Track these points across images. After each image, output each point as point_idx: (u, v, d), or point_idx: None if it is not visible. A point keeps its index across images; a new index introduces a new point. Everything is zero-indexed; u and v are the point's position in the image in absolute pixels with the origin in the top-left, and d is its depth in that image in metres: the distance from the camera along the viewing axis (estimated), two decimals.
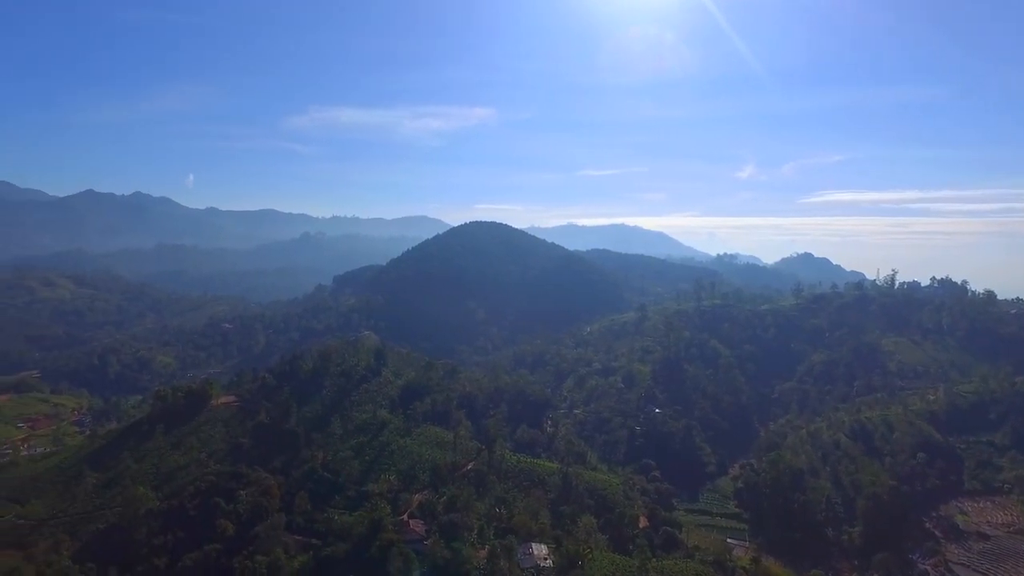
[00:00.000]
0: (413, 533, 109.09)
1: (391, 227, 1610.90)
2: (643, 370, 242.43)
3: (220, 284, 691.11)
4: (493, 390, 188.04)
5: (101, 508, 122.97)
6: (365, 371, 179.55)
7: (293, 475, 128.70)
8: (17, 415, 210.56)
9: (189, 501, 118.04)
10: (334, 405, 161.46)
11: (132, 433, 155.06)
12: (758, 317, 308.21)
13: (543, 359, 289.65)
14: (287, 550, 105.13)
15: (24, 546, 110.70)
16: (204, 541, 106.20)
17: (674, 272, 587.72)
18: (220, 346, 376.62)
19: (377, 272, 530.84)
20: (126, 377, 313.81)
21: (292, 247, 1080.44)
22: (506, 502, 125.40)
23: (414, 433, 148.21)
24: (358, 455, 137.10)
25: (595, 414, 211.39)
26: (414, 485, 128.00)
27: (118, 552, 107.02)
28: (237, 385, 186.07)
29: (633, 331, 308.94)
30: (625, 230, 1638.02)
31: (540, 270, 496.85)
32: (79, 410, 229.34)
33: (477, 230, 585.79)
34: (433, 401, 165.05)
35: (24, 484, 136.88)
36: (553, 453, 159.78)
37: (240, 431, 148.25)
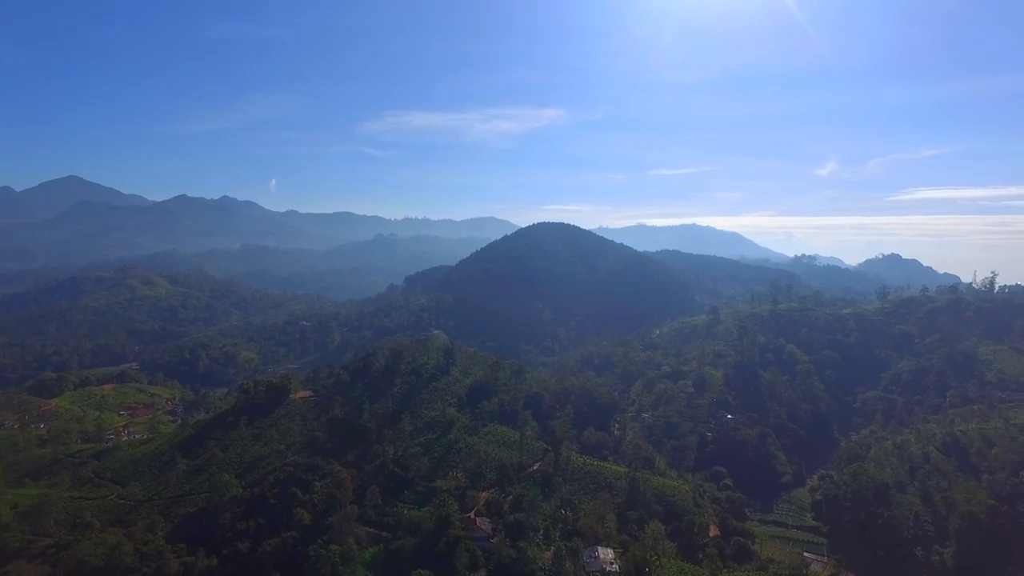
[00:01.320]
0: (479, 531, 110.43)
1: (461, 228, 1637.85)
2: (715, 375, 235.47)
3: (299, 283, 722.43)
4: (560, 391, 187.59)
5: (191, 493, 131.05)
6: (434, 369, 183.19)
7: (365, 469, 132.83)
8: (119, 403, 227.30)
9: (269, 490, 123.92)
10: (404, 402, 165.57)
11: (219, 423, 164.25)
12: (839, 321, 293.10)
13: (610, 361, 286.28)
14: (359, 541, 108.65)
15: (124, 524, 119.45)
16: (282, 528, 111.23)
17: (748, 274, 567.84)
18: (299, 342, 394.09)
19: (446, 272, 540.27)
20: (213, 370, 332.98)
21: (366, 248, 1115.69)
22: (572, 504, 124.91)
23: (481, 432, 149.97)
24: (427, 452, 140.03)
25: (664, 418, 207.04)
26: (481, 483, 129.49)
27: (205, 535, 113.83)
28: (314, 380, 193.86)
29: (704, 334, 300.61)
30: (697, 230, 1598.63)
31: (608, 271, 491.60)
32: (172, 400, 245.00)
33: (545, 231, 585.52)
34: (500, 401, 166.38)
35: (125, 467, 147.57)
36: (620, 457, 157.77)
37: (316, 424, 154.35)
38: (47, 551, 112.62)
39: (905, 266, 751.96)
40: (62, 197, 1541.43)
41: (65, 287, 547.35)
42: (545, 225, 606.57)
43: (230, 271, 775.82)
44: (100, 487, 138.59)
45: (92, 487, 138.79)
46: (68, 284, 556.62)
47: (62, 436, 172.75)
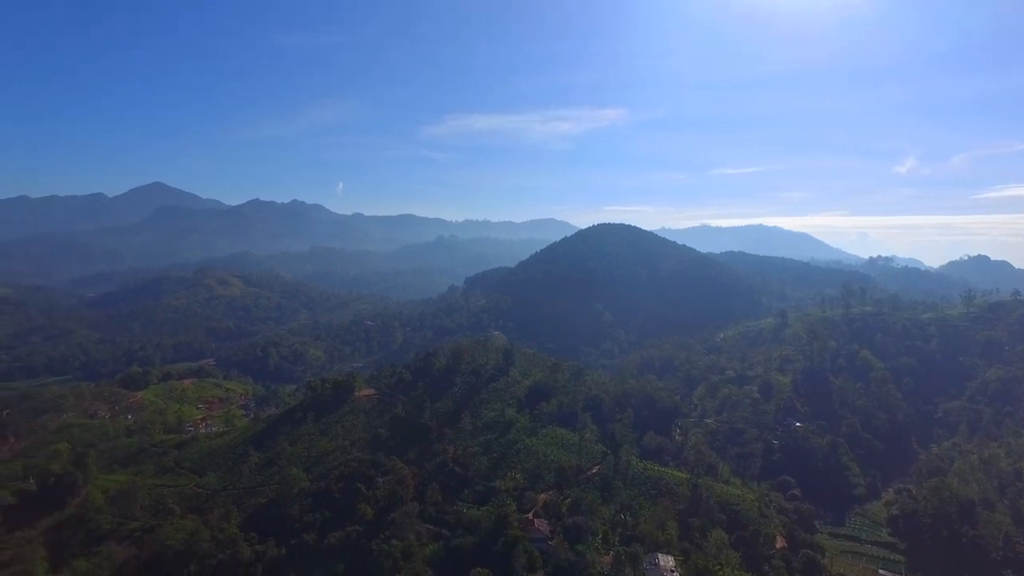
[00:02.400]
0: (538, 532, 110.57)
1: (520, 230, 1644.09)
2: (782, 380, 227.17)
3: (364, 283, 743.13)
4: (620, 394, 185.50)
5: (262, 484, 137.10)
6: (494, 370, 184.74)
7: (426, 467, 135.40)
8: (198, 397, 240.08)
9: (334, 484, 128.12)
10: (464, 402, 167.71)
11: (288, 419, 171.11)
12: (918, 327, 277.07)
13: (672, 364, 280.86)
14: (419, 538, 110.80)
15: (202, 511, 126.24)
16: (346, 522, 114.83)
17: (818, 276, 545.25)
18: (363, 341, 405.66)
19: (506, 274, 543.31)
20: (283, 367, 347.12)
21: (427, 249, 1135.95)
22: (632, 509, 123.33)
23: (540, 433, 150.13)
24: (486, 451, 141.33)
25: (728, 424, 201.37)
26: (539, 484, 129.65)
27: (275, 525, 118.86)
28: (377, 379, 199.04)
29: (771, 338, 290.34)
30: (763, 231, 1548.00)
31: (670, 273, 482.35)
32: (245, 395, 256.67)
33: (605, 232, 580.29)
34: (559, 402, 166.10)
35: (202, 458, 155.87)
36: (682, 462, 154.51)
37: (379, 422, 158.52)
38: (133, 533, 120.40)
39: (994, 268, 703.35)
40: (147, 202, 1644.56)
41: (150, 287, 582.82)
42: (605, 226, 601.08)
43: (299, 272, 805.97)
44: (180, 476, 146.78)
45: (173, 476, 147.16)
46: (152, 284, 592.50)
47: (147, 427, 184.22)
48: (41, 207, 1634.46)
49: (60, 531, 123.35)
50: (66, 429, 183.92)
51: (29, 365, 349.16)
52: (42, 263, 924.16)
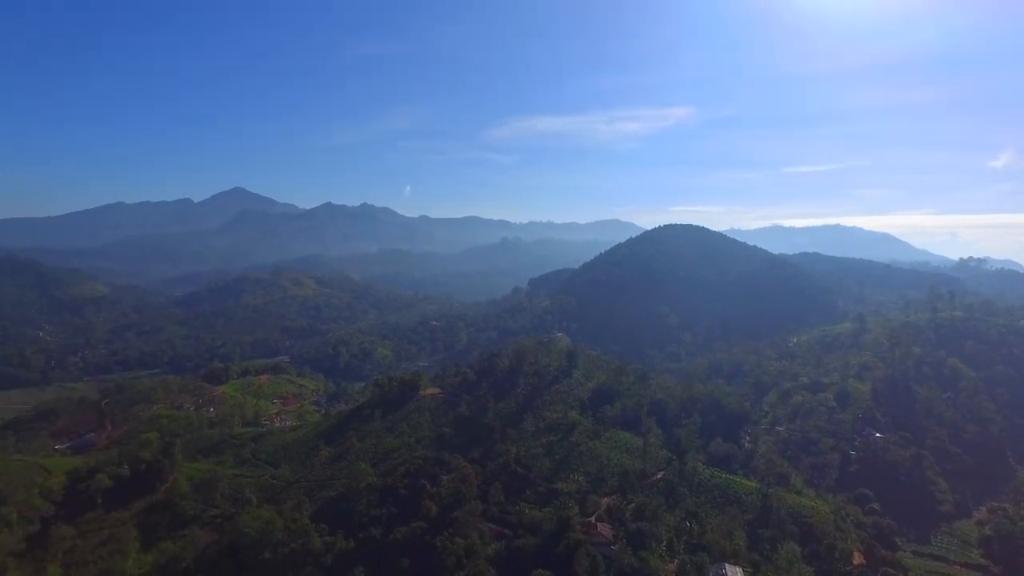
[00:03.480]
0: (600, 536, 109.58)
1: (584, 231, 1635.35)
2: (860, 388, 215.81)
3: (430, 284, 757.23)
4: (686, 399, 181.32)
5: (332, 478, 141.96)
6: (557, 372, 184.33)
7: (489, 466, 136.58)
8: (273, 393, 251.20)
9: (400, 480, 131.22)
10: (527, 403, 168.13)
11: (356, 415, 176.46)
12: (1016, 334, 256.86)
13: (741, 369, 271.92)
14: (482, 536, 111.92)
15: (276, 502, 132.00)
16: (411, 518, 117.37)
17: (901, 278, 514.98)
18: (429, 341, 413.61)
19: (570, 275, 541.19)
20: (353, 365, 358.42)
21: (492, 251, 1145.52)
22: (697, 517, 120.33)
23: (603, 436, 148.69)
24: (548, 453, 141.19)
25: (800, 433, 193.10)
26: (602, 488, 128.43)
27: (344, 518, 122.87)
28: (442, 378, 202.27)
29: (848, 344, 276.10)
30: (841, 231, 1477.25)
31: (739, 274, 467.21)
32: (317, 392, 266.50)
33: (671, 233, 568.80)
34: (623, 406, 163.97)
35: (277, 451, 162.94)
36: (751, 471, 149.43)
37: (443, 421, 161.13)
38: (215, 520, 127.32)
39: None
40: (229, 207, 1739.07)
41: (230, 287, 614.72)
42: (672, 227, 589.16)
43: (368, 273, 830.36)
44: (257, 467, 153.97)
45: (250, 467, 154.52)
46: (233, 284, 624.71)
47: (227, 419, 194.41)
48: (136, 212, 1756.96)
49: (150, 514, 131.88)
50: (155, 419, 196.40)
51: (124, 359, 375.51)
52: (136, 264, 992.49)
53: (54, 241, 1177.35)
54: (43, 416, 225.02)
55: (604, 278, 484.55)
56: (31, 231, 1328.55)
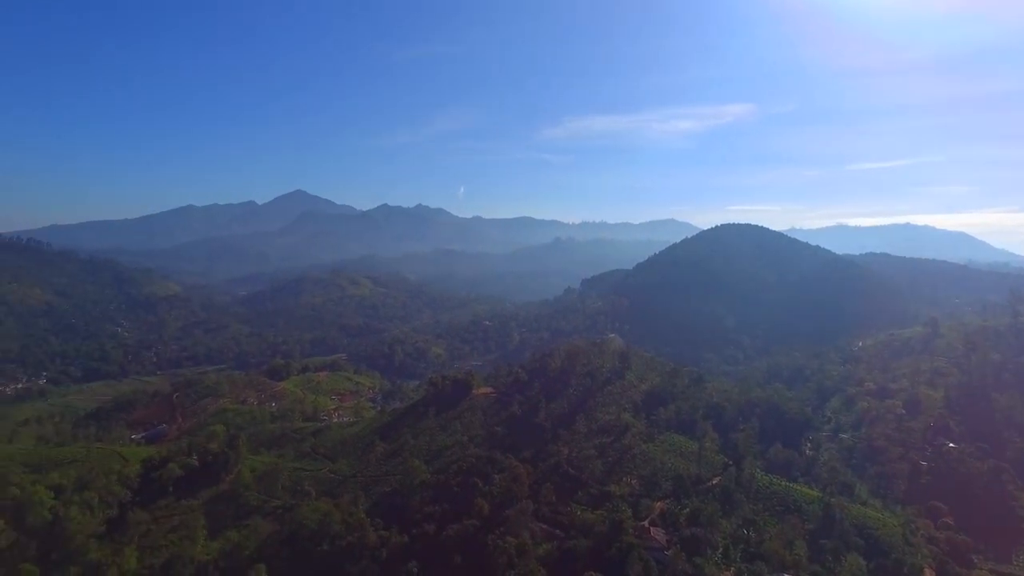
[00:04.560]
0: (653, 541, 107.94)
1: (638, 231, 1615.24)
2: (932, 395, 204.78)
3: (482, 284, 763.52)
4: (743, 403, 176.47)
5: (387, 474, 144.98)
6: (609, 373, 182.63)
7: (540, 466, 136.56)
8: (331, 389, 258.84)
9: (453, 478, 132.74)
10: (579, 404, 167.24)
11: (411, 413, 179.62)
12: None
13: (802, 374, 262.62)
14: (533, 536, 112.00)
15: (334, 495, 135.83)
16: (464, 515, 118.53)
17: (978, 280, 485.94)
18: (481, 340, 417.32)
19: (623, 276, 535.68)
20: (407, 363, 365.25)
21: (544, 251, 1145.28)
22: (755, 525, 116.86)
23: (657, 440, 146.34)
24: (601, 455, 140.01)
25: (866, 441, 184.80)
26: (655, 492, 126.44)
27: (398, 514, 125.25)
28: (494, 378, 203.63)
29: (919, 349, 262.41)
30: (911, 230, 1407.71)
31: (800, 275, 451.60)
32: (373, 389, 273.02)
33: (728, 233, 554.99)
34: (677, 409, 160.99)
35: (335, 445, 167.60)
36: (812, 479, 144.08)
37: (495, 420, 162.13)
38: (276, 510, 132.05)
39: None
40: (291, 208, 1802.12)
41: (291, 286, 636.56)
42: (728, 227, 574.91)
43: (422, 273, 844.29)
44: (316, 461, 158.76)
45: (310, 460, 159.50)
46: (293, 284, 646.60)
47: (288, 414, 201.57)
48: (204, 215, 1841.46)
49: (216, 503, 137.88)
50: (222, 413, 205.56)
51: (193, 354, 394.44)
52: (204, 264, 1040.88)
53: (131, 242, 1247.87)
54: (121, 407, 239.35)
55: (658, 279, 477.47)
56: (110, 233, 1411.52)
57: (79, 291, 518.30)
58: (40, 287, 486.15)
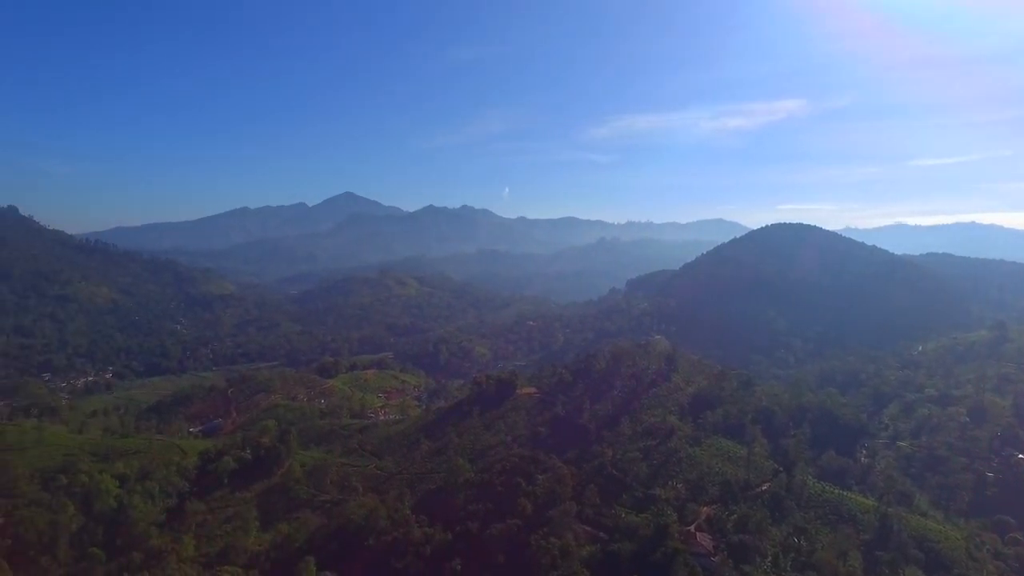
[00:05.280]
0: (700, 547, 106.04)
1: (685, 231, 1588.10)
2: (999, 403, 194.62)
3: (526, 285, 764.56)
4: (794, 408, 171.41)
5: (431, 471, 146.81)
6: (655, 375, 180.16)
7: (584, 468, 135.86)
8: (378, 387, 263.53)
9: (496, 477, 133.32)
10: (624, 405, 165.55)
11: (455, 411, 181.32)
12: None
13: (857, 379, 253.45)
14: (576, 538, 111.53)
15: (379, 492, 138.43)
16: (507, 515, 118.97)
17: None
18: (525, 341, 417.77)
19: (669, 277, 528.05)
20: (452, 363, 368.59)
21: (589, 252, 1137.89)
22: (807, 533, 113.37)
23: (704, 443, 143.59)
24: (646, 458, 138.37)
25: (926, 449, 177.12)
26: (702, 497, 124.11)
27: (442, 511, 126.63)
28: (538, 378, 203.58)
29: (985, 354, 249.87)
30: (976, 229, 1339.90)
31: (856, 276, 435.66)
32: (418, 387, 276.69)
33: (779, 233, 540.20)
34: (725, 413, 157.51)
35: (381, 442, 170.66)
36: (867, 488, 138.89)
37: (539, 420, 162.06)
38: (324, 505, 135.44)
39: None
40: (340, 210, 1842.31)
41: (340, 286, 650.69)
42: (780, 226, 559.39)
43: (467, 273, 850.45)
44: (362, 457, 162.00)
45: (357, 456, 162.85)
46: (342, 284, 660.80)
47: (336, 411, 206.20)
48: (257, 216, 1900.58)
49: (268, 496, 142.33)
50: (273, 408, 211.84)
51: (247, 351, 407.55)
52: (257, 264, 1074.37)
53: (189, 243, 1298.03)
54: (180, 401, 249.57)
55: (706, 280, 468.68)
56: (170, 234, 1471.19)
57: (142, 290, 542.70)
58: (107, 286, 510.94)
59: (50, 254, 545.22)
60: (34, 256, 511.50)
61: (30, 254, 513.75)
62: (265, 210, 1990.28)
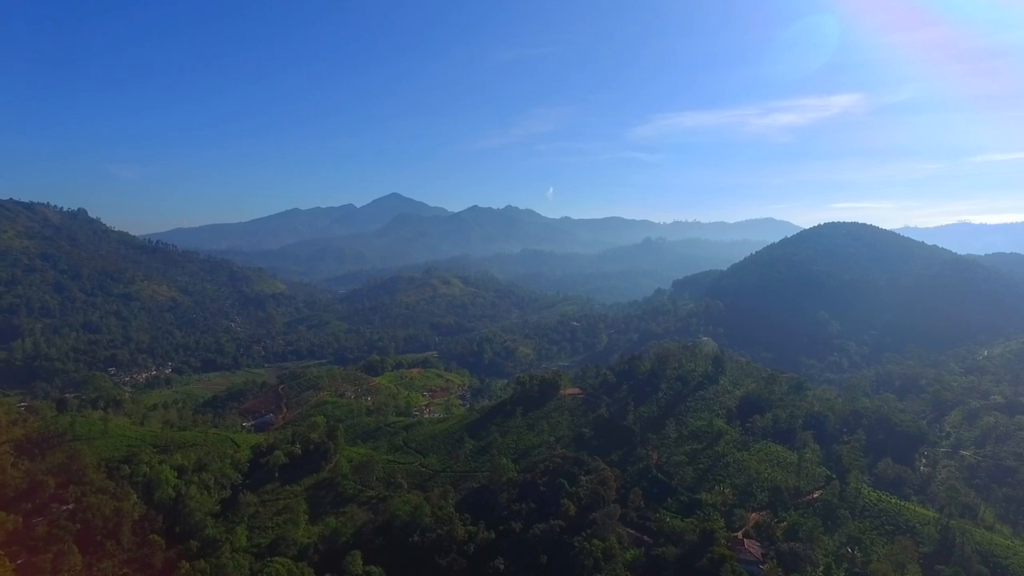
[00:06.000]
0: (747, 553, 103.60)
1: (733, 231, 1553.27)
2: None
3: (570, 285, 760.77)
4: (848, 413, 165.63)
5: (475, 470, 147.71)
6: (701, 377, 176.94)
7: (628, 470, 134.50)
8: (423, 386, 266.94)
9: (540, 477, 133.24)
10: (669, 408, 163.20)
11: (499, 411, 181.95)
12: None
13: (916, 384, 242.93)
14: (620, 541, 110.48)
15: (424, 489, 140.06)
16: (550, 515, 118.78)
17: None
18: (569, 341, 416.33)
19: (717, 277, 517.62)
20: (496, 362, 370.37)
21: (634, 252, 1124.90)
22: (861, 544, 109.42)
23: (752, 448, 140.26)
24: (691, 461, 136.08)
25: (993, 459, 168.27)
26: (750, 503, 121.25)
27: (485, 510, 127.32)
28: (581, 379, 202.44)
29: None
30: None
31: (915, 277, 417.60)
32: (462, 386, 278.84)
33: (833, 232, 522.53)
34: (775, 417, 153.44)
35: (425, 440, 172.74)
36: (927, 498, 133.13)
37: (583, 421, 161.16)
38: (370, 500, 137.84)
39: None
40: (387, 211, 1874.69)
41: (386, 285, 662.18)
42: (833, 225, 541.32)
43: (511, 273, 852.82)
44: (408, 454, 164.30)
45: (402, 453, 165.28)
46: (388, 283, 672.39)
47: (382, 408, 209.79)
48: (308, 217, 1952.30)
49: (316, 490, 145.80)
50: (322, 405, 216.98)
51: (297, 349, 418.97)
52: (307, 264, 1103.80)
53: (243, 244, 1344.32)
54: (234, 396, 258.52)
55: (755, 280, 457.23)
56: (225, 235, 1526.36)
57: (199, 288, 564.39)
58: (167, 285, 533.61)
59: (116, 254, 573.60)
60: (101, 256, 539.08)
61: (98, 254, 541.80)
62: (315, 211, 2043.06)
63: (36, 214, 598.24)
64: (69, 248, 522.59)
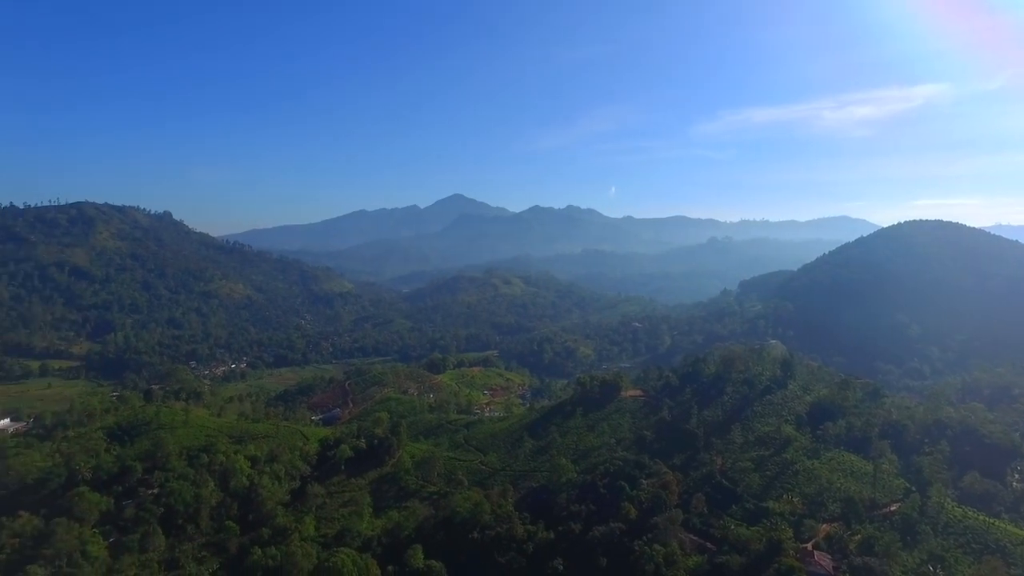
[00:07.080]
0: (817, 566, 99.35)
1: (804, 230, 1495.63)
2: None
3: (631, 285, 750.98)
4: (930, 423, 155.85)
5: (534, 470, 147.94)
6: (769, 381, 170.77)
7: (691, 475, 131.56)
8: (483, 384, 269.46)
9: (599, 479, 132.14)
10: (735, 412, 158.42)
11: (558, 411, 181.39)
12: None
13: (1008, 393, 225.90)
14: (682, 547, 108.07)
15: (484, 486, 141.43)
16: (610, 518, 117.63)
17: None
18: (630, 342, 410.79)
19: (786, 278, 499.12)
20: (556, 362, 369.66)
21: (698, 251, 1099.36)
22: (944, 562, 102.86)
23: (823, 456, 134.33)
24: (758, 468, 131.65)
25: None
26: (820, 513, 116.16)
27: (544, 510, 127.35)
28: (643, 380, 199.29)
29: None
30: None
31: (1009, 279, 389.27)
32: (522, 386, 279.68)
33: (914, 230, 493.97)
34: (848, 424, 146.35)
35: (486, 439, 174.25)
36: (1020, 516, 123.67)
37: (644, 424, 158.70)
38: (431, 496, 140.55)
39: None
40: (449, 211, 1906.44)
41: (449, 285, 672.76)
42: (914, 223, 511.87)
43: (571, 273, 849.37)
44: (468, 452, 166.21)
45: (463, 451, 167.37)
46: (451, 283, 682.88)
47: (444, 406, 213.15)
48: (374, 218, 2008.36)
49: (380, 484, 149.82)
50: (386, 401, 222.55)
51: (363, 346, 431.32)
52: (373, 263, 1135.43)
53: (313, 244, 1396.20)
54: (303, 391, 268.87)
55: (828, 281, 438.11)
56: (296, 236, 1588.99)
57: (272, 287, 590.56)
58: (242, 283, 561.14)
59: (197, 254, 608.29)
60: (184, 256, 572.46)
61: (181, 254, 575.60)
62: (381, 212, 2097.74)
63: (127, 217, 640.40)
64: (156, 248, 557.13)
